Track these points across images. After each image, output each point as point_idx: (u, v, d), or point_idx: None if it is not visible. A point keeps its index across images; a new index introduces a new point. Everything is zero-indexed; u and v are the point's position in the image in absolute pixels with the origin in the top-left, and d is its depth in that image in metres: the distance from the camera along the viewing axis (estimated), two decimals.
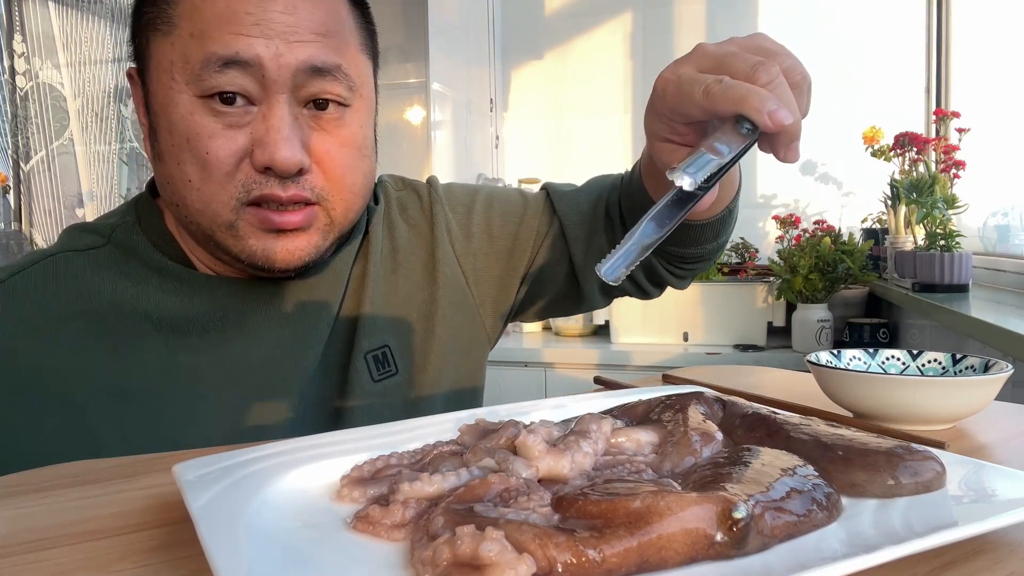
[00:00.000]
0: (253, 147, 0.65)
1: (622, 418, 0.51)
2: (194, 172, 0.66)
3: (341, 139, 0.69)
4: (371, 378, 0.76)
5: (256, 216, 0.66)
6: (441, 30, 2.55)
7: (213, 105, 0.64)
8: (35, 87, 2.75)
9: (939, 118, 2.06)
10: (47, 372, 0.66)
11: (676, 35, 2.76)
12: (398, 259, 0.82)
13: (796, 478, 0.37)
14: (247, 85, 0.64)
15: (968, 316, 1.35)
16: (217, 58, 0.63)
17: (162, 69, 0.66)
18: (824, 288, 2.25)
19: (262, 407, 0.71)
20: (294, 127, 0.65)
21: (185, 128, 0.65)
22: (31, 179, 2.75)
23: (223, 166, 0.65)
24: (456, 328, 0.82)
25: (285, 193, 0.66)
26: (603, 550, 0.31)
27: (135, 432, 0.67)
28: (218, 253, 0.70)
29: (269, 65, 0.64)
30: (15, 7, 2.73)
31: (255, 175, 0.65)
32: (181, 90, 0.65)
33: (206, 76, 0.63)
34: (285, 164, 0.64)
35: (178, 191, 0.67)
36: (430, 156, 2.52)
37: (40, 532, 0.41)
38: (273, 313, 0.73)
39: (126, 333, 0.69)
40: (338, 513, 0.40)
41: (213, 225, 0.67)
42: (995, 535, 0.37)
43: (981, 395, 0.58)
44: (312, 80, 0.66)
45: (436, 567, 0.31)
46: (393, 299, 0.80)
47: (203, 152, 0.65)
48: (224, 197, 0.66)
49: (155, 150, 0.69)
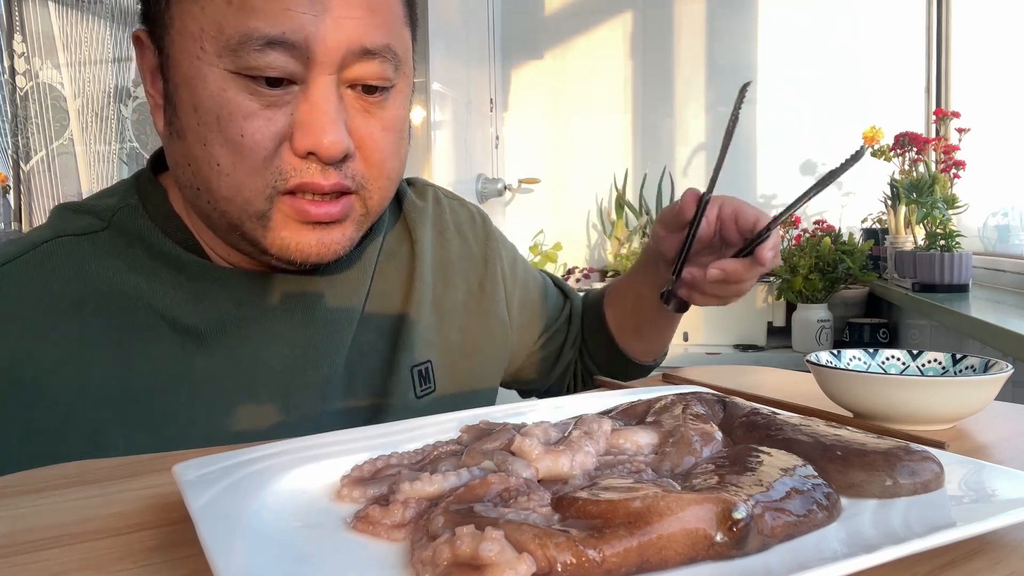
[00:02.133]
0: (294, 130, 0.59)
1: (621, 418, 0.51)
2: (224, 155, 0.59)
3: (384, 122, 0.63)
4: (415, 393, 0.72)
5: (292, 206, 0.60)
6: (441, 30, 2.55)
7: (250, 83, 0.58)
8: (35, 87, 2.75)
9: (939, 118, 2.06)
10: (45, 370, 0.60)
11: (676, 35, 2.76)
12: (450, 272, 0.78)
13: (796, 478, 0.37)
14: (289, 66, 0.58)
15: (968, 316, 1.35)
16: (260, 35, 0.56)
17: (188, 35, 0.58)
18: (824, 288, 2.25)
19: (282, 416, 0.66)
20: (339, 109, 0.60)
21: (215, 105, 0.58)
22: (31, 179, 2.75)
23: (260, 151, 0.59)
24: (489, 361, 0.82)
25: (327, 181, 0.60)
26: (603, 550, 0.31)
27: (141, 438, 0.61)
28: (241, 244, 0.64)
29: (317, 47, 0.57)
30: (15, 7, 2.73)
31: (295, 161, 0.59)
32: (211, 62, 0.58)
33: (244, 53, 0.57)
34: (332, 149, 0.59)
35: (202, 174, 0.60)
36: (430, 156, 2.52)
37: (40, 532, 0.41)
38: (294, 313, 0.68)
39: (134, 330, 0.63)
40: (338, 513, 0.40)
41: (242, 215, 0.61)
42: (995, 535, 0.37)
43: (981, 395, 0.58)
44: (360, 61, 0.60)
45: (436, 567, 0.31)
46: (440, 314, 0.76)
47: (237, 134, 0.58)
48: (258, 184, 0.59)
49: (173, 126, 0.62)
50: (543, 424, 0.46)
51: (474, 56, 2.86)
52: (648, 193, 2.74)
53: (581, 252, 2.88)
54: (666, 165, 2.75)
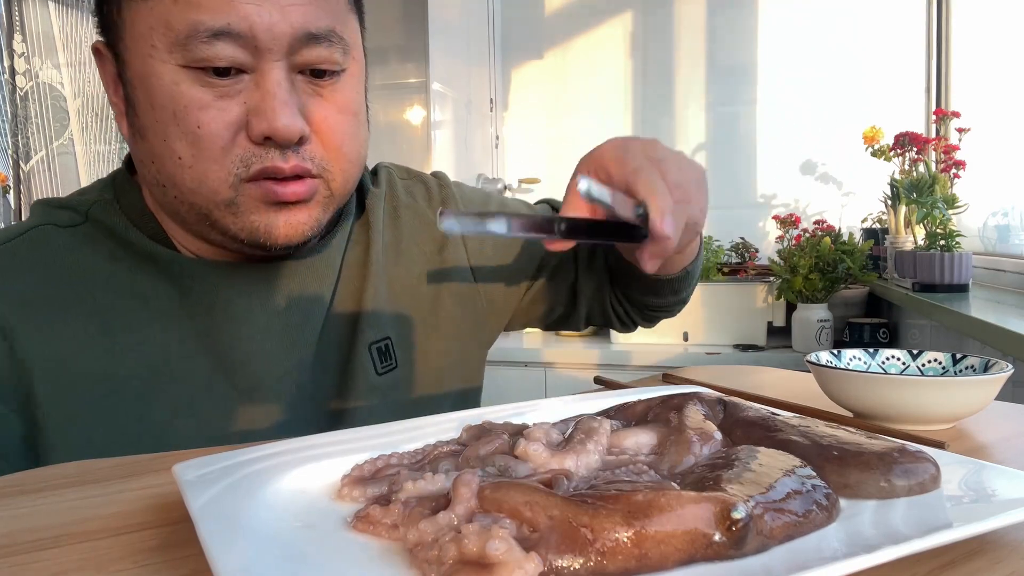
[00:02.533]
0: (249, 117, 0.61)
1: (621, 418, 0.51)
2: (184, 148, 0.61)
3: (338, 105, 0.65)
4: (375, 371, 0.74)
5: (259, 190, 0.62)
6: (441, 30, 2.55)
7: (202, 75, 0.60)
8: (35, 87, 2.75)
9: (939, 118, 2.06)
10: (32, 354, 0.63)
11: (676, 35, 2.76)
12: (401, 249, 0.79)
13: (795, 478, 0.37)
14: (237, 56, 0.59)
15: (968, 316, 1.35)
16: (205, 28, 0.58)
17: (139, 36, 0.60)
18: (824, 288, 2.25)
19: (257, 401, 0.68)
20: (291, 93, 0.62)
21: (170, 100, 0.60)
22: (31, 179, 2.75)
23: (218, 140, 0.60)
24: (460, 327, 0.81)
25: (287, 164, 0.62)
26: (596, 529, 0.31)
27: (125, 422, 0.64)
28: (211, 234, 0.66)
29: (263, 35, 0.59)
30: (15, 7, 2.73)
31: (253, 148, 0.61)
32: (163, 59, 0.60)
33: (192, 46, 0.59)
34: (286, 132, 0.60)
35: (166, 170, 0.62)
36: (430, 156, 2.52)
37: (40, 532, 0.41)
38: (265, 300, 0.70)
39: (118, 319, 0.65)
40: (338, 513, 0.40)
41: (210, 204, 0.63)
42: (995, 535, 0.37)
43: (981, 395, 0.58)
44: (307, 47, 0.62)
45: (442, 565, 0.31)
46: (394, 290, 0.77)
47: (193, 126, 0.60)
48: (221, 173, 0.61)
49: (135, 127, 0.64)
50: (543, 426, 0.46)
51: (474, 56, 2.86)
52: None
53: None
54: None
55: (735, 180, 2.71)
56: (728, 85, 2.71)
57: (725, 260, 2.58)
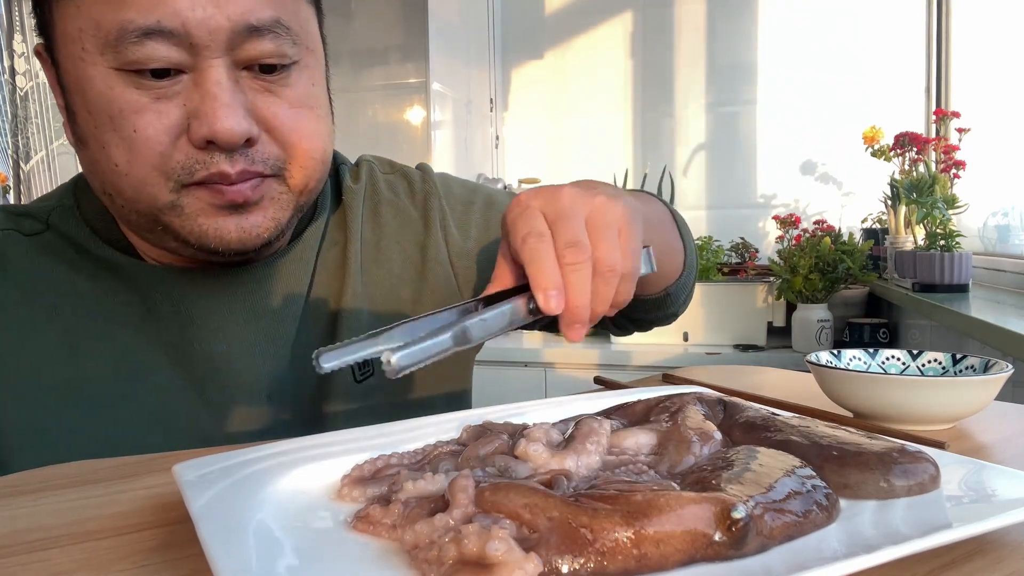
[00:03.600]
0: (189, 120, 0.56)
1: (621, 418, 0.51)
2: (120, 155, 0.57)
3: (291, 100, 0.60)
4: (354, 378, 0.71)
5: (203, 191, 0.58)
6: (441, 30, 2.55)
7: (136, 77, 0.56)
8: (35, 87, 2.75)
9: (939, 118, 2.06)
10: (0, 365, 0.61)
11: (676, 35, 2.76)
12: (381, 248, 0.76)
13: (795, 479, 0.37)
14: (172, 55, 0.55)
15: (968, 316, 1.35)
16: (136, 27, 0.54)
17: (69, 39, 0.57)
18: (824, 288, 2.25)
19: (230, 410, 0.65)
20: (235, 92, 0.57)
21: (105, 105, 0.56)
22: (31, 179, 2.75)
23: (155, 145, 0.56)
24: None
25: (234, 169, 0.57)
26: (595, 530, 0.31)
27: (92, 435, 0.62)
28: (164, 239, 0.62)
29: (197, 31, 0.55)
30: (15, 7, 2.73)
31: (196, 153, 0.57)
32: (94, 61, 0.56)
33: (123, 47, 0.54)
34: (229, 135, 0.56)
35: (107, 178, 0.59)
36: (430, 156, 2.52)
37: (40, 532, 0.41)
38: (235, 306, 0.66)
39: (83, 330, 0.63)
40: (338, 513, 0.40)
41: (153, 210, 0.59)
42: (995, 535, 0.37)
43: (981, 395, 0.58)
44: (249, 40, 0.57)
45: (441, 565, 0.31)
46: (374, 292, 0.74)
47: (129, 131, 0.56)
48: (159, 180, 0.57)
49: (76, 134, 0.60)
50: (543, 426, 0.46)
51: (474, 56, 2.86)
52: None
53: None
54: (666, 165, 2.75)
55: (735, 180, 2.71)
56: (728, 85, 2.71)
57: (725, 260, 2.58)
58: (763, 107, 2.67)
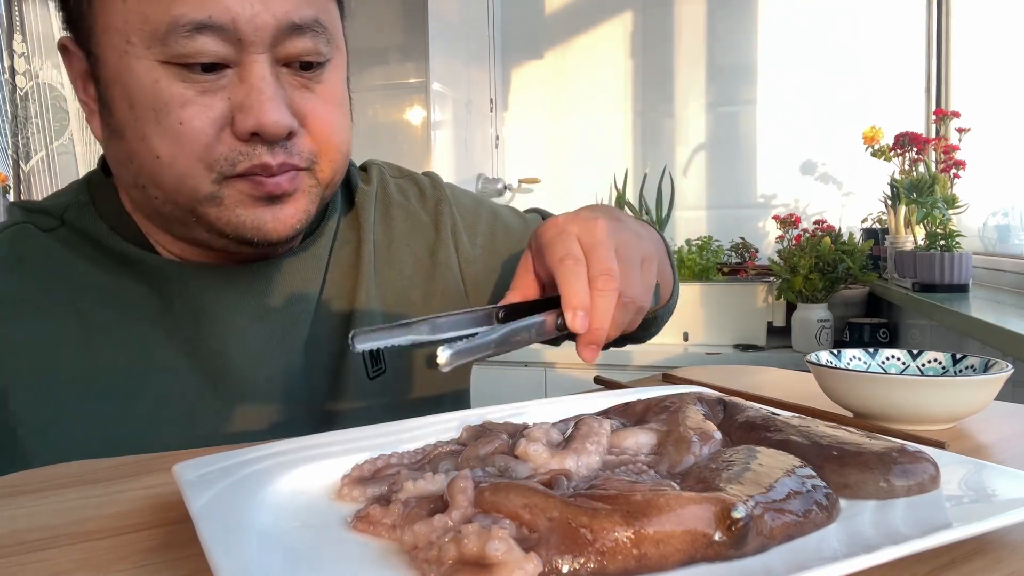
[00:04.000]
0: (234, 113, 0.58)
1: (621, 418, 0.51)
2: (164, 146, 0.58)
3: (325, 97, 0.63)
4: (367, 375, 0.72)
5: (245, 184, 0.60)
6: (441, 30, 2.55)
7: (183, 71, 0.57)
8: (35, 87, 2.75)
9: (939, 118, 2.06)
10: (14, 353, 0.61)
11: (676, 35, 2.76)
12: (392, 250, 0.78)
13: (795, 479, 0.37)
14: (220, 50, 0.57)
15: (968, 316, 1.35)
16: (187, 21, 0.56)
17: (114, 32, 0.58)
18: (824, 288, 2.25)
19: (245, 404, 0.66)
20: (277, 87, 0.59)
21: (149, 98, 0.58)
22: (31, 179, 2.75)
23: (201, 137, 0.58)
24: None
25: (275, 161, 0.60)
26: (595, 529, 0.31)
27: (107, 428, 0.62)
28: (196, 231, 0.63)
29: (245, 27, 0.57)
30: (15, 7, 2.73)
31: (239, 145, 0.59)
32: (140, 55, 0.57)
33: (173, 41, 0.56)
34: (275, 128, 0.58)
35: (145, 170, 0.60)
36: (430, 156, 2.52)
37: (40, 532, 0.41)
38: (250, 301, 0.67)
39: (99, 322, 0.64)
40: (338, 513, 0.40)
41: (192, 201, 0.60)
42: (995, 535, 0.37)
43: (981, 395, 0.58)
44: (291, 38, 0.59)
45: (441, 565, 0.31)
46: (386, 293, 0.76)
47: (175, 123, 0.58)
48: (202, 171, 0.59)
49: (110, 126, 0.62)
50: (543, 426, 0.46)
51: (474, 56, 2.86)
52: (648, 193, 2.74)
53: None
54: (666, 165, 2.75)
55: (735, 180, 2.71)
56: (728, 85, 2.71)
57: (725, 260, 2.58)
58: (763, 107, 2.67)
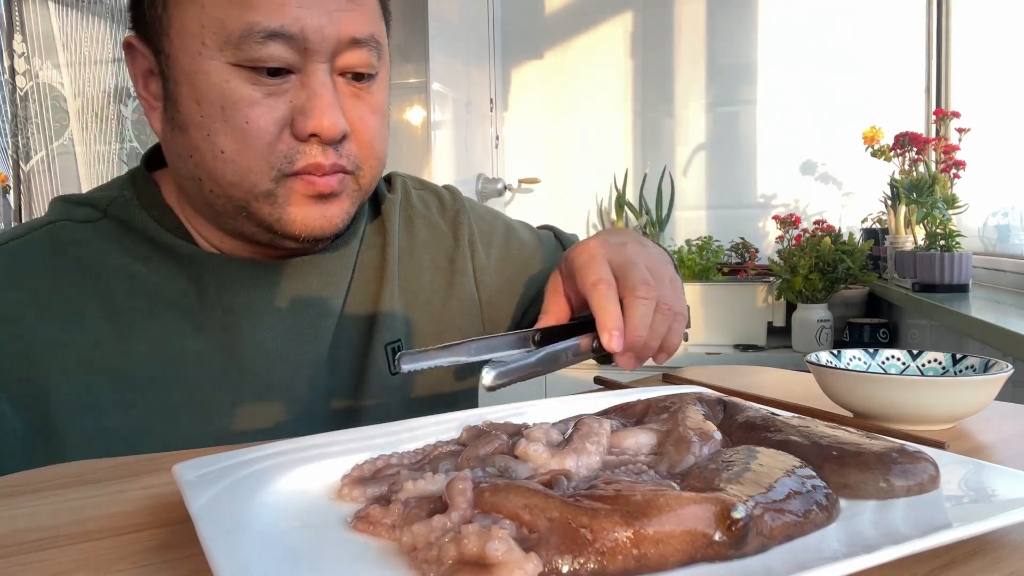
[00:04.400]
0: (294, 115, 0.64)
1: (621, 418, 0.51)
2: (228, 143, 0.63)
3: (371, 106, 0.68)
4: (389, 370, 0.76)
5: (300, 182, 0.65)
6: (441, 30, 2.55)
7: (252, 74, 0.63)
8: (35, 87, 2.75)
9: (939, 118, 2.06)
10: (51, 346, 0.64)
11: (676, 35, 2.76)
12: (414, 256, 0.82)
13: (795, 479, 0.37)
14: (287, 57, 0.63)
15: (968, 316, 1.35)
16: (262, 29, 0.61)
17: (189, 34, 0.63)
18: (824, 288, 2.25)
19: (270, 398, 0.69)
20: (335, 94, 0.65)
21: (219, 96, 0.63)
22: (31, 179, 2.75)
23: (265, 135, 0.63)
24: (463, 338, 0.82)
25: (328, 161, 0.65)
26: (595, 529, 0.31)
27: (142, 419, 0.65)
28: (245, 226, 0.68)
29: (312, 37, 0.63)
30: (15, 7, 2.73)
31: (297, 144, 0.64)
32: (212, 56, 0.62)
33: (246, 46, 0.61)
34: (332, 131, 0.63)
35: (206, 164, 0.65)
36: (430, 156, 2.52)
37: (40, 532, 0.41)
38: (281, 296, 0.71)
39: (133, 312, 0.67)
40: (338, 513, 0.40)
41: (249, 196, 0.65)
42: (995, 535, 0.37)
43: (981, 395, 0.58)
44: (349, 50, 0.65)
45: (441, 565, 0.31)
46: (407, 296, 0.80)
47: (242, 122, 0.63)
48: (264, 167, 0.64)
49: (174, 122, 0.66)
50: (543, 426, 0.46)
51: (474, 56, 2.86)
52: (648, 193, 2.74)
53: None
54: (666, 165, 2.75)
55: (735, 180, 2.71)
56: (728, 85, 2.71)
57: (725, 260, 2.58)
58: (763, 107, 2.67)
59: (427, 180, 0.91)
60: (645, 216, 2.70)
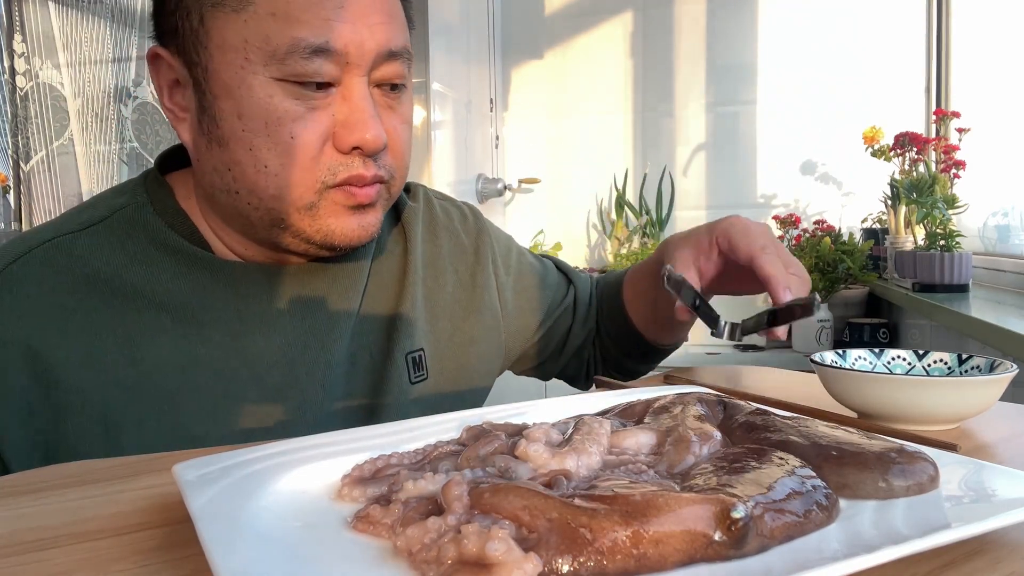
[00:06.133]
0: (337, 129, 0.64)
1: (620, 418, 0.51)
2: (272, 157, 0.64)
3: (403, 116, 0.70)
4: (409, 379, 0.76)
5: (341, 194, 0.66)
6: (441, 30, 2.55)
7: (297, 88, 0.63)
8: (35, 87, 2.75)
9: (939, 118, 2.06)
10: (61, 364, 0.63)
11: (676, 35, 2.76)
12: (439, 266, 0.82)
13: (795, 479, 0.37)
14: (331, 71, 0.63)
15: (968, 316, 1.35)
16: (306, 45, 0.62)
17: (230, 48, 0.63)
18: (824, 288, 2.25)
19: (285, 403, 0.69)
20: (374, 106, 0.66)
21: (262, 111, 0.63)
22: (31, 179, 2.75)
23: (309, 150, 0.64)
24: (484, 352, 0.83)
25: (369, 173, 0.66)
26: (595, 530, 0.31)
27: (154, 429, 0.64)
28: (281, 236, 0.68)
29: (354, 51, 0.63)
30: (15, 7, 2.73)
31: (340, 157, 0.65)
32: (255, 71, 0.62)
33: (292, 61, 0.62)
34: (375, 143, 0.64)
35: (247, 178, 0.65)
36: (430, 156, 2.52)
37: (40, 532, 0.41)
38: (297, 305, 0.71)
39: (139, 321, 0.66)
40: (338, 513, 0.40)
41: (291, 209, 0.65)
42: (995, 535, 0.37)
43: (987, 395, 0.58)
44: (386, 63, 0.66)
45: (440, 565, 0.31)
46: (431, 305, 0.80)
47: (287, 137, 0.63)
48: (309, 181, 0.64)
49: (212, 135, 0.65)
50: (543, 426, 0.46)
51: (474, 56, 2.85)
52: (648, 193, 2.74)
53: (581, 252, 2.88)
54: (666, 165, 2.75)
55: (735, 180, 2.71)
56: (728, 85, 2.71)
57: None
58: (763, 107, 2.66)
59: (447, 193, 0.92)
60: (645, 216, 2.70)
